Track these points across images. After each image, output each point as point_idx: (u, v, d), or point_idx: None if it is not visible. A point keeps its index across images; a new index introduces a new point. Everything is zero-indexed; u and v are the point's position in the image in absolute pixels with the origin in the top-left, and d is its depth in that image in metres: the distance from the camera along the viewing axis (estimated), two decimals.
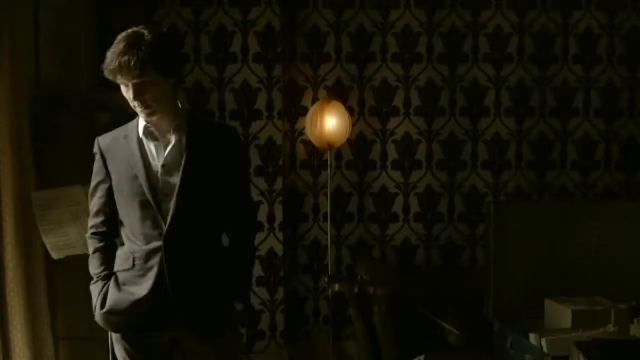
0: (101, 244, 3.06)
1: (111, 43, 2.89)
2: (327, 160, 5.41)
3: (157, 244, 2.92)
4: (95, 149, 3.08)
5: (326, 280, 5.22)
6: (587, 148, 5.62)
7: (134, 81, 2.83)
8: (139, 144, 2.98)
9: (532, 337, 4.10)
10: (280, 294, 5.38)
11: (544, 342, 3.99)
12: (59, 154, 4.19)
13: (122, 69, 2.81)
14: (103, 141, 3.07)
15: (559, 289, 4.61)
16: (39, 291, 3.87)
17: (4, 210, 3.67)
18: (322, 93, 5.46)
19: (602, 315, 4.22)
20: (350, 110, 5.42)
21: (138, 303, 2.93)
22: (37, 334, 3.85)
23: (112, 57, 2.84)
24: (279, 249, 5.35)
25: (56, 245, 3.66)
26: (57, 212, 3.75)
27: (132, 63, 2.79)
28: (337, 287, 4.97)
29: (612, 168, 5.64)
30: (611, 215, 4.89)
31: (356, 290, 4.93)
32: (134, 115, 3.04)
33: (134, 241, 2.99)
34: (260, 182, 5.31)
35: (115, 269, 3.03)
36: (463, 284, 5.33)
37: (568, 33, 5.58)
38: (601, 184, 5.64)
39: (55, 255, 3.66)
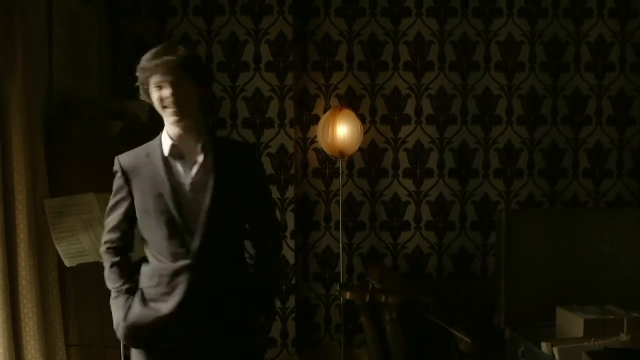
0: (117, 258, 3.06)
1: (124, 51, 2.92)
2: (338, 168, 5.42)
3: (184, 262, 2.92)
4: (116, 167, 3.07)
5: (337, 288, 5.22)
6: (599, 156, 5.62)
7: (171, 78, 2.84)
8: (164, 162, 2.98)
9: (544, 346, 4.09)
10: (291, 302, 5.38)
11: (555, 350, 3.99)
12: (72, 161, 4.21)
13: (160, 66, 2.85)
14: (123, 159, 3.07)
15: (571, 297, 4.61)
16: (51, 298, 3.89)
17: (17, 217, 3.69)
18: (334, 101, 5.47)
19: (614, 324, 4.21)
20: (361, 118, 5.43)
21: (162, 319, 2.93)
22: (49, 341, 3.87)
23: (151, 56, 2.88)
24: (291, 257, 5.36)
25: (68, 253, 3.66)
26: (69, 220, 3.76)
27: (172, 61, 2.84)
28: (348, 295, 4.97)
29: (624, 176, 5.62)
30: (623, 223, 4.88)
31: (367, 298, 4.92)
32: (146, 124, 3.06)
33: (159, 259, 2.98)
34: (272, 190, 5.32)
35: (141, 286, 3.04)
36: (474, 291, 5.33)
37: (579, 41, 5.57)
38: (613, 192, 5.63)
39: (67, 263, 3.66)
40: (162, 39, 5.26)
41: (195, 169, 2.96)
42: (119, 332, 3.01)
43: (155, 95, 2.91)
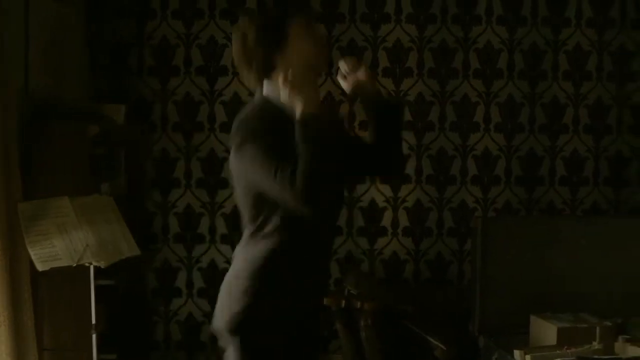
0: None
1: (103, 53, 2.91)
2: None
3: None
4: None
5: None
6: (576, 164, 5.64)
7: None
8: None
9: (517, 354, 4.11)
10: None
11: (528, 358, 4.00)
12: (47, 164, 4.19)
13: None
14: None
15: (546, 305, 4.63)
16: (23, 302, 3.86)
17: None
18: None
19: (587, 332, 4.23)
20: None
21: None
22: (21, 345, 3.84)
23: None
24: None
25: (41, 257, 3.65)
26: (43, 223, 3.75)
27: None
28: (324, 301, 4.96)
29: (600, 184, 5.65)
30: (598, 231, 4.91)
31: (343, 304, 4.93)
32: (123, 127, 3.04)
33: None
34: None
35: None
36: (450, 298, 5.35)
37: (558, 49, 5.60)
38: (589, 199, 5.65)
39: (40, 267, 3.64)
40: (141, 41, 5.26)
41: None
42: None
43: (311, 48, 2.79)
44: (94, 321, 3.86)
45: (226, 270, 2.90)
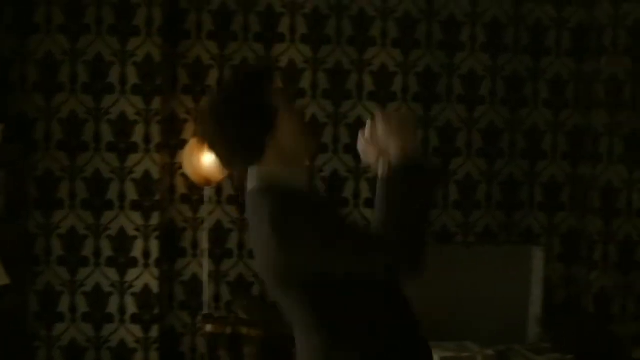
0: None
1: None
2: (205, 195, 5.31)
3: None
4: None
5: (200, 319, 5.10)
6: (469, 187, 5.64)
7: None
8: None
9: None
10: (154, 331, 5.23)
11: None
12: None
13: None
14: None
15: (432, 332, 4.58)
16: None
17: None
18: None
19: None
20: None
21: None
22: None
23: None
24: (154, 285, 5.21)
25: None
26: None
27: None
28: (209, 327, 4.86)
29: (493, 207, 5.66)
30: (488, 257, 4.92)
31: (228, 330, 4.83)
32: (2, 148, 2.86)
33: None
34: (136, 217, 5.17)
35: None
36: None
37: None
38: (482, 223, 5.65)
39: None
40: (23, 56, 5.07)
41: None
42: None
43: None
44: None
45: (111, 293, 2.70)
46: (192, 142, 5.13)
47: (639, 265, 5.59)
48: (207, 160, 5.06)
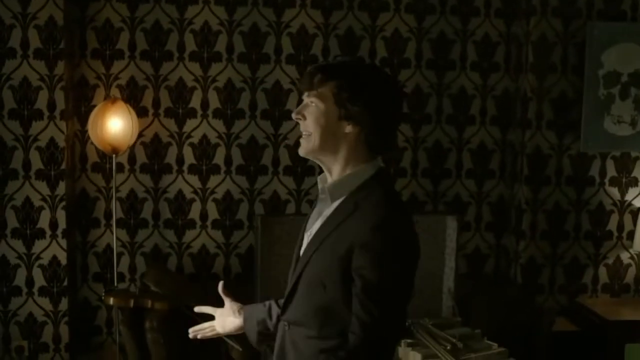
0: None
1: None
2: (119, 163, 5.13)
3: None
4: None
5: (103, 292, 4.94)
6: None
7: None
8: None
9: None
10: (64, 304, 5.07)
11: None
12: None
13: None
14: None
15: None
16: None
17: None
18: (115, 92, 5.16)
19: None
20: (144, 111, 5.15)
21: None
22: None
23: None
24: (63, 257, 5.04)
25: None
26: None
27: None
28: (111, 300, 4.69)
29: (419, 175, 5.48)
30: None
31: (132, 303, 4.66)
32: None
33: None
34: (42, 187, 4.99)
35: None
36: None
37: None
38: (406, 192, 5.47)
39: None
40: None
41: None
42: None
43: None
44: None
45: (18, 266, 2.50)
46: (97, 108, 4.94)
47: (568, 235, 5.41)
48: (113, 127, 4.88)
